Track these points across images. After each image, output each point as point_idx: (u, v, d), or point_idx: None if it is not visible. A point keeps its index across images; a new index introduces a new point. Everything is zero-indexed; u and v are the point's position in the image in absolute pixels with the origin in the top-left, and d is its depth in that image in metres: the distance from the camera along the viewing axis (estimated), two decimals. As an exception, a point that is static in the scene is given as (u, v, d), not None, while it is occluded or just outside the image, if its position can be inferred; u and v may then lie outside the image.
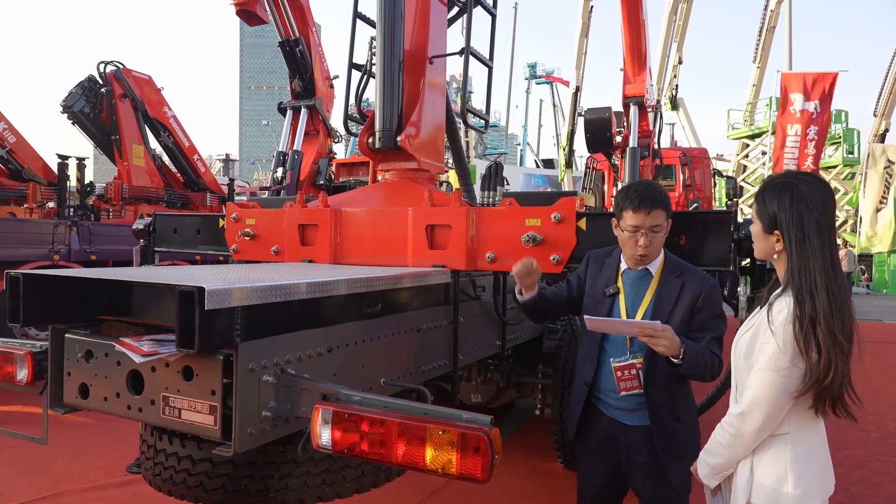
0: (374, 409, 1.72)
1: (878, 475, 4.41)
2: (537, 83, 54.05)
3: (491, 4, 3.69)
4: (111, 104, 11.26)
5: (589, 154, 11.66)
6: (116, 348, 1.97)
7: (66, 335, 2.19)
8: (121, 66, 11.42)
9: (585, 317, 2.15)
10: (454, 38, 3.71)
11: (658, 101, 11.73)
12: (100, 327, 2.23)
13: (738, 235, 2.62)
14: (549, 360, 4.20)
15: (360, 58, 3.86)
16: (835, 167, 24.39)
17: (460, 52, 3.50)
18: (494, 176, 3.42)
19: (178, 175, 12.82)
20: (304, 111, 11.20)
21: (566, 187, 23.88)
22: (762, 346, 1.70)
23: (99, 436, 4.99)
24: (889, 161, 19.49)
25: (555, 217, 2.88)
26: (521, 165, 45.65)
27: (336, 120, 11.96)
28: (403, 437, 1.65)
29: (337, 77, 12.31)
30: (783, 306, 1.68)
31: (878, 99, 21.62)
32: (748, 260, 2.65)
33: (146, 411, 1.99)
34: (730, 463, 1.77)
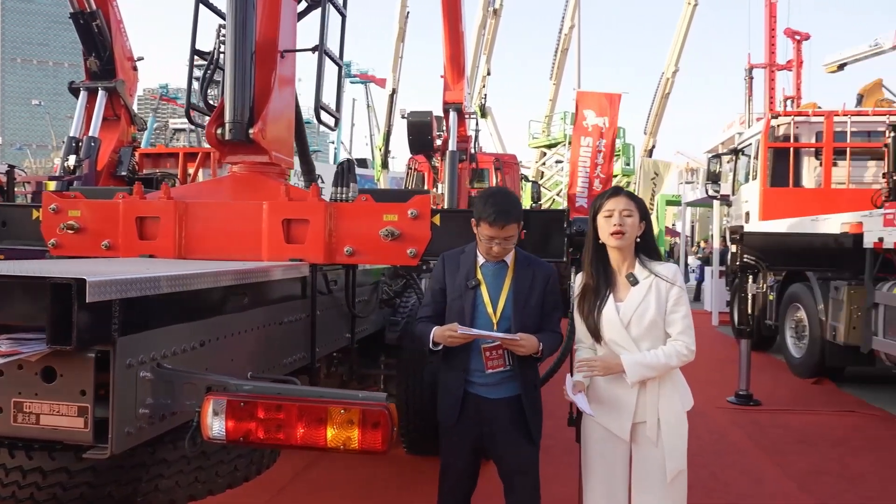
0: (271, 396, 1.76)
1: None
2: (352, 82, 53.95)
3: (342, 4, 3.77)
4: None
5: (411, 156, 12.09)
6: (-41, 351, 1.75)
7: None
8: None
9: (459, 328, 2.40)
10: (305, 35, 3.74)
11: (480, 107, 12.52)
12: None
13: (570, 231, 3.04)
14: (390, 351, 4.39)
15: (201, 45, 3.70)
16: (616, 177, 27.95)
17: (313, 50, 3.53)
18: (347, 172, 3.50)
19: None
20: (101, 93, 10.06)
21: (383, 187, 24.33)
22: (677, 300, 2.38)
23: None
24: (655, 173, 22.85)
25: (411, 213, 3.07)
26: (334, 164, 45.29)
27: (137, 107, 10.97)
28: (303, 419, 1.72)
29: (142, 59, 11.31)
30: (669, 266, 2.44)
31: (648, 119, 25.11)
32: (578, 253, 3.08)
33: (-8, 421, 1.79)
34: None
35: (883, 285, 6.00)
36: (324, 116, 3.68)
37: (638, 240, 2.44)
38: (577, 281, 2.59)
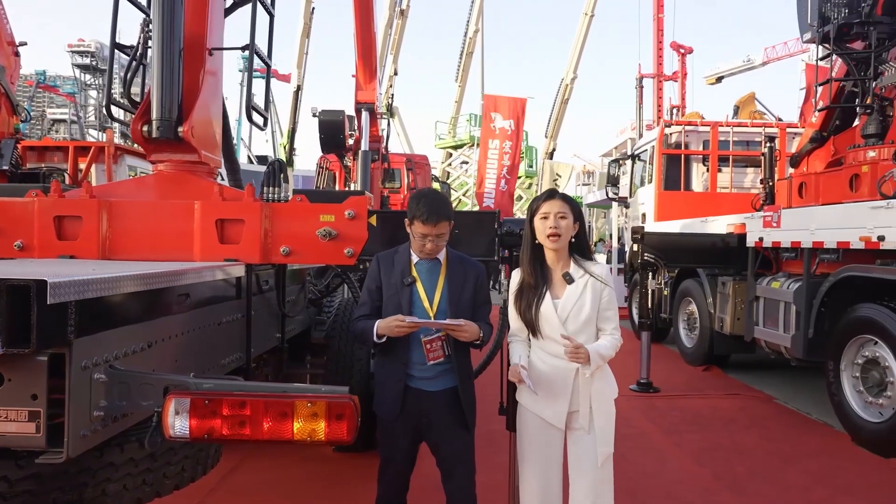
0: (236, 392, 1.79)
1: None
2: (252, 77, 52.03)
3: (269, 3, 3.75)
4: None
5: (322, 154, 11.96)
6: None
7: None
8: None
9: (406, 318, 2.50)
10: (229, 36, 3.69)
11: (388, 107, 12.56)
12: None
13: (500, 231, 3.22)
14: (316, 350, 4.41)
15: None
16: (520, 178, 28.91)
17: (243, 49, 3.50)
18: (278, 172, 3.51)
19: None
20: (-23, 80, 9.25)
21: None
22: (610, 296, 2.58)
23: None
24: (557, 175, 23.88)
25: (348, 214, 3.13)
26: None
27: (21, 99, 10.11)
28: (269, 413, 1.77)
29: (25, 44, 10.49)
30: (602, 267, 2.63)
31: (549, 122, 26.16)
32: (507, 251, 3.27)
33: (-74, 431, 1.70)
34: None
35: (763, 280, 6.69)
36: (254, 116, 3.66)
37: (572, 240, 2.61)
38: (514, 278, 2.73)
